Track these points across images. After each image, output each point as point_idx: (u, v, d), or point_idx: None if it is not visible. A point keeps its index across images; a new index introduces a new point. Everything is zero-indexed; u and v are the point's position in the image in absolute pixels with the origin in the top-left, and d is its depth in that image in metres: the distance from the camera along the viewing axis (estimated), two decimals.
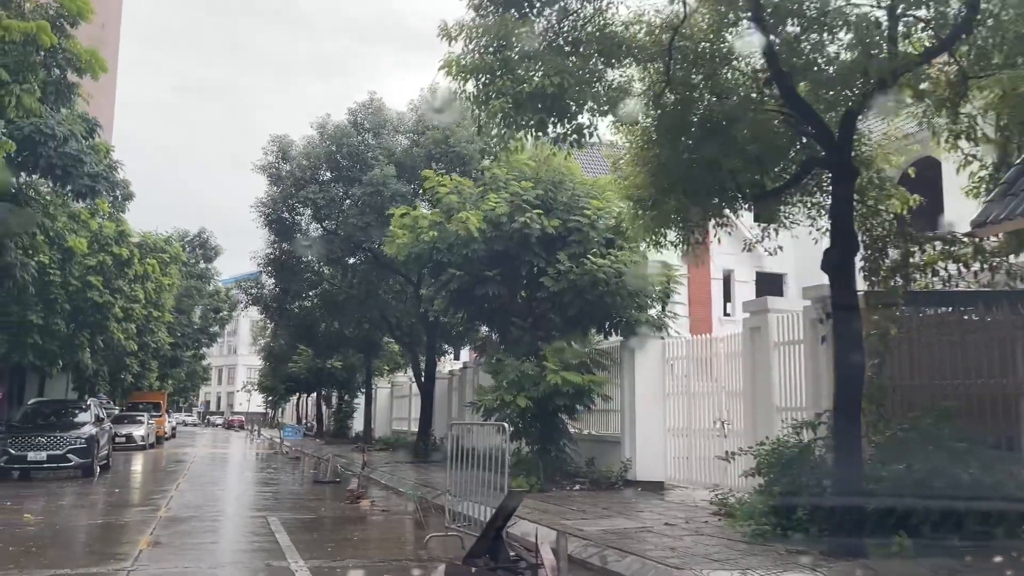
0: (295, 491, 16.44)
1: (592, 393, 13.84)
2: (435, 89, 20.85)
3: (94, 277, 22.40)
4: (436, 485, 15.13)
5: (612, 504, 11.73)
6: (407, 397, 31.90)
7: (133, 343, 31.38)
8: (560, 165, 14.19)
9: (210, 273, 45.21)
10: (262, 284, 24.31)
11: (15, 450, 17.46)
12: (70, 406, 20.90)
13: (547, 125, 7.04)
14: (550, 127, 7.16)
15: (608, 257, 13.41)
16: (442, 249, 14.24)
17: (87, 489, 16.14)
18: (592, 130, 7.35)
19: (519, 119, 6.80)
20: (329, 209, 20.40)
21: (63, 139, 16.17)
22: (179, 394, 61.74)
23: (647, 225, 8.60)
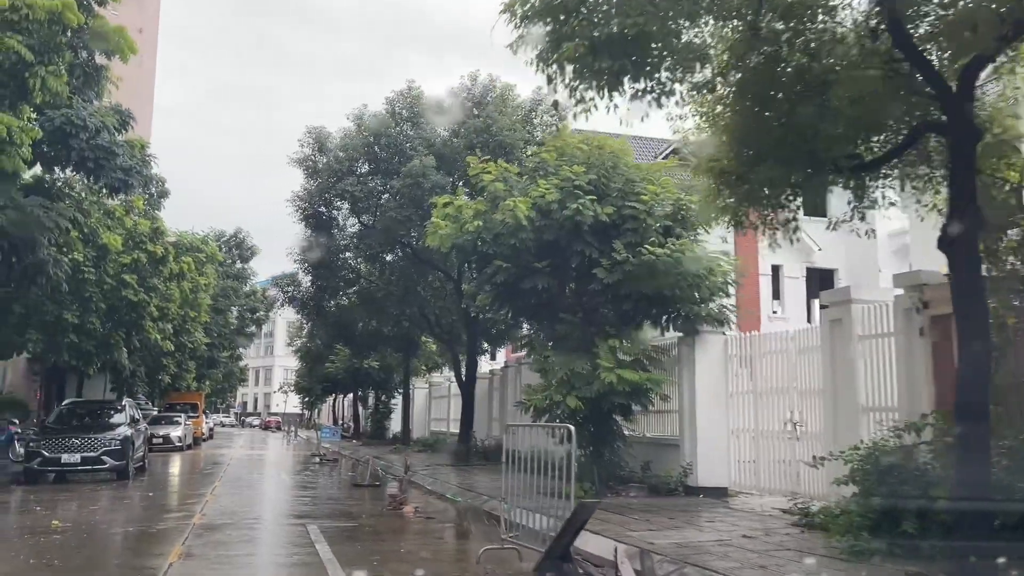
0: (334, 495, 15.72)
1: (650, 392, 12.90)
2: (475, 77, 20.08)
3: (129, 275, 21.98)
4: (481, 490, 14.31)
5: (676, 513, 10.78)
6: (446, 397, 31.16)
7: (170, 343, 31.08)
8: (613, 149, 13.26)
9: (246, 273, 44.97)
10: (299, 282, 23.71)
11: (49, 452, 17.01)
12: (105, 407, 20.45)
13: (625, 75, 6.12)
14: (627, 82, 6.25)
15: (666, 246, 12.45)
16: (487, 240, 13.39)
17: (120, 492, 15.59)
18: (674, 85, 6.43)
19: (595, 65, 5.88)
20: (367, 202, 19.69)
21: (95, 131, 15.65)
22: (216, 395, 61.85)
23: (726, 205, 7.64)
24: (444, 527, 11.34)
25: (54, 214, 15.65)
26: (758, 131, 6.86)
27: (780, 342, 12.25)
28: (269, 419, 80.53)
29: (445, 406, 31.26)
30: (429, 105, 20.12)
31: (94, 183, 17.03)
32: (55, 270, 17.11)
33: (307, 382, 46.35)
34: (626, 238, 12.86)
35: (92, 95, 16.32)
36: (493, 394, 24.11)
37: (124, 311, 22.32)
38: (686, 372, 13.56)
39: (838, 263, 28.04)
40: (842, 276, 28.26)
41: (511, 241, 12.85)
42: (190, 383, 42.73)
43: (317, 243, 21.47)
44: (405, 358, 30.06)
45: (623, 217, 13.03)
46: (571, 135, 13.86)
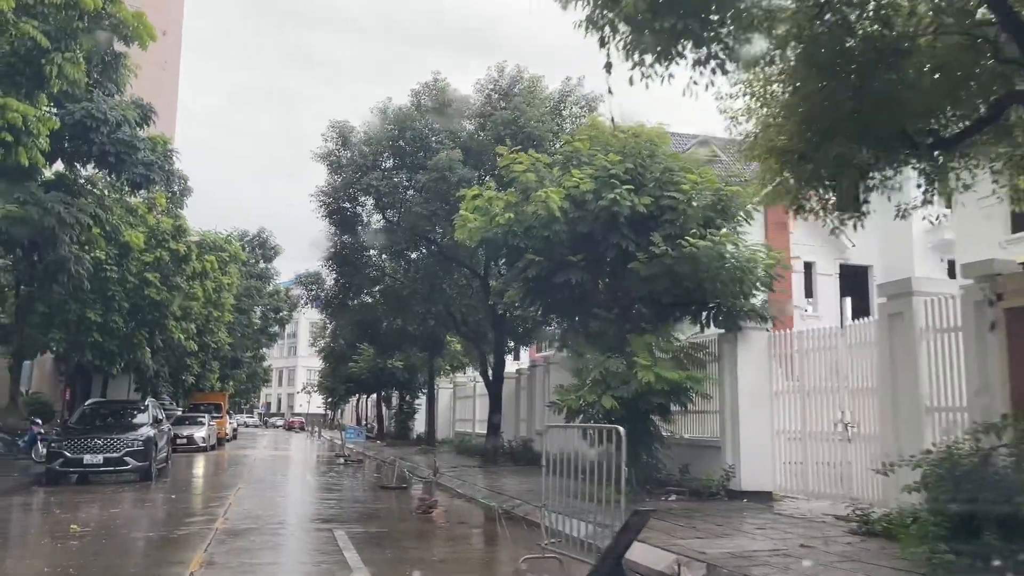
0: (360, 498, 15.27)
1: (690, 392, 12.28)
2: (503, 68, 19.55)
3: (151, 274, 21.71)
4: (511, 492, 13.79)
5: (721, 518, 10.18)
6: (471, 398, 30.67)
7: (193, 343, 30.90)
8: (651, 136, 12.65)
9: (269, 273, 44.78)
10: (322, 280, 23.32)
11: (71, 453, 16.70)
12: (128, 407, 20.19)
13: (687, 37, 5.55)
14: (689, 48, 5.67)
15: (707, 238, 11.83)
16: (518, 233, 12.85)
17: (143, 495, 15.25)
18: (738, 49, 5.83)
19: (655, 24, 5.31)
20: (392, 197, 19.22)
21: (116, 125, 15.34)
22: (240, 395, 61.86)
23: (785, 188, 7.03)
24: (477, 532, 10.83)
25: (75, 210, 15.34)
26: (824, 106, 6.26)
27: (830, 338, 11.60)
28: (292, 419, 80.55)
29: (470, 406, 30.77)
30: (455, 97, 19.61)
31: (115, 179, 16.72)
32: (77, 267, 16.84)
33: (331, 382, 46.08)
34: (665, 230, 12.25)
35: (113, 88, 16.02)
36: (520, 394, 23.57)
37: (147, 310, 22.06)
38: (727, 370, 12.94)
39: (872, 260, 27.23)
40: (876, 273, 27.44)
41: (544, 233, 12.30)
42: (214, 383, 42.62)
43: (341, 240, 21.05)
44: (430, 358, 29.61)
45: (661, 208, 12.43)
46: (604, 123, 13.26)
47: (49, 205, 14.90)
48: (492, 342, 21.76)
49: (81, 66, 11.33)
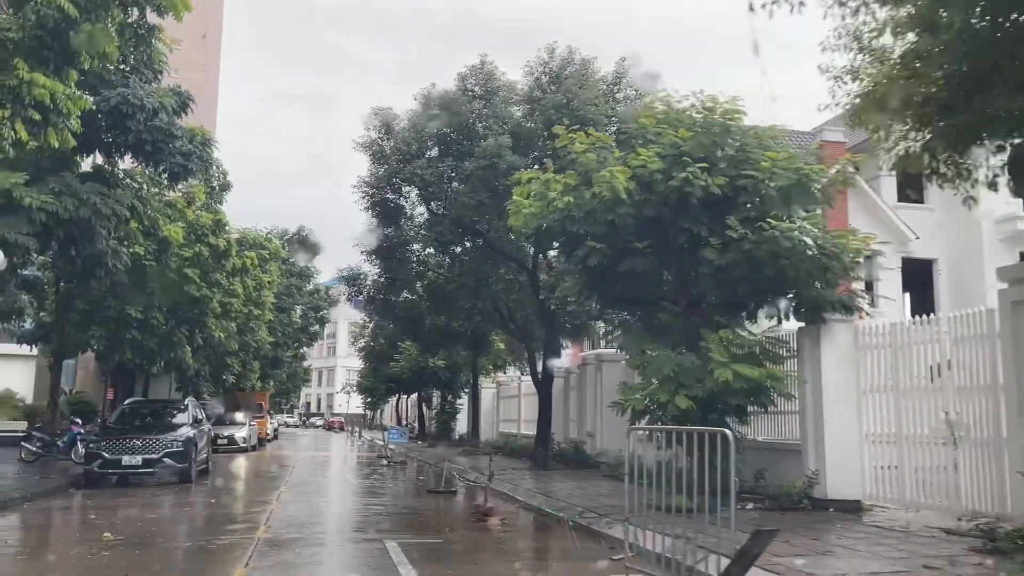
0: (409, 504, 14.41)
1: (771, 391, 11.18)
2: (553, 49, 18.56)
3: (191, 270, 21.13)
4: (572, 499, 12.80)
5: (815, 531, 9.08)
6: (515, 397, 29.75)
7: (234, 342, 30.42)
8: (726, 110, 11.55)
9: (309, 271, 44.40)
10: (364, 276, 22.59)
11: (109, 454, 16.13)
12: (168, 406, 19.61)
13: None
14: None
15: (791, 221, 10.72)
16: (578, 218, 11.85)
17: (182, 498, 14.57)
18: None
19: None
20: (437, 187, 18.34)
21: (152, 111, 14.68)
22: (280, 395, 61.73)
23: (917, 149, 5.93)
24: (540, 544, 9.86)
25: (111, 201, 14.71)
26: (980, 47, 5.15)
27: (930, 330, 10.41)
28: (332, 419, 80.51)
29: (514, 406, 29.85)
30: (503, 82, 18.67)
31: (153, 170, 16.10)
32: (114, 262, 16.22)
33: (371, 382, 45.52)
34: (741, 212, 11.17)
35: (149, 75, 15.39)
36: (569, 394, 22.57)
37: (186, 307, 21.50)
38: (808, 367, 11.81)
39: (937, 253, 25.73)
40: (942, 267, 25.94)
41: (607, 218, 11.28)
42: (254, 383, 42.30)
43: (384, 233, 20.26)
44: (473, 356, 28.74)
45: (736, 189, 11.34)
46: (670, 97, 12.18)
47: (85, 196, 14.28)
48: (541, 339, 20.76)
49: (113, 40, 10.64)
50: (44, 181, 14.06)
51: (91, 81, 14.25)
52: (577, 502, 12.42)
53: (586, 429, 21.24)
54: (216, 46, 78.20)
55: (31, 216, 13.56)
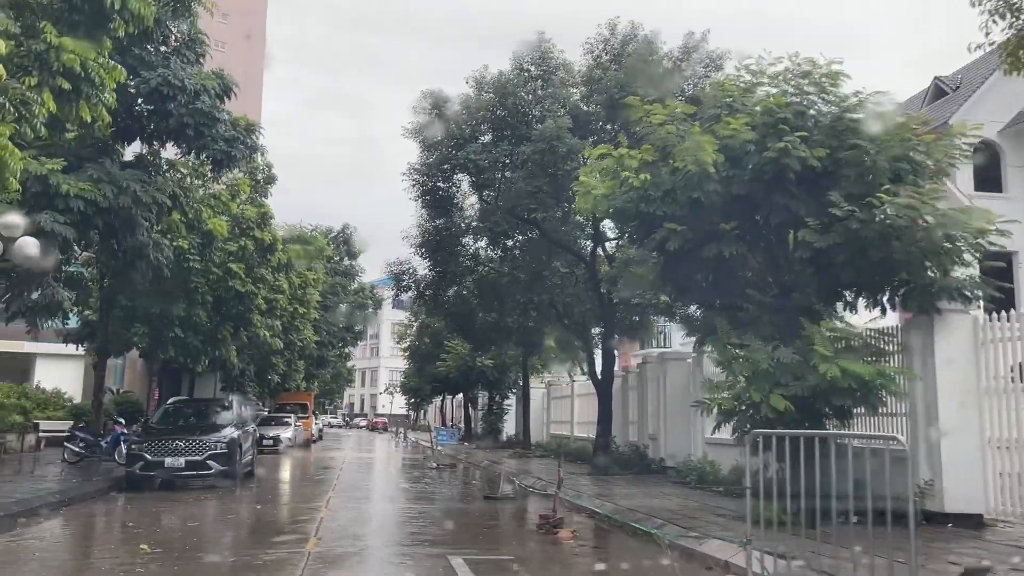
0: (467, 511, 13.36)
1: (882, 390, 9.85)
2: (614, 26, 17.37)
3: (235, 264, 20.42)
4: (641, 508, 11.62)
5: (950, 552, 7.76)
6: (567, 398, 28.59)
7: (279, 341, 29.81)
8: (825, 72, 10.26)
9: (354, 270, 43.75)
10: (413, 270, 21.63)
11: (152, 455, 15.40)
12: (212, 405, 18.86)
13: None
14: None
15: (905, 196, 9.39)
16: (655, 198, 10.68)
17: (226, 503, 13.73)
18: None
19: None
20: (491, 174, 17.24)
21: (194, 94, 13.91)
22: (324, 396, 61.43)
23: None
24: (622, 563, 8.69)
25: (152, 189, 13.95)
26: None
27: None
28: (376, 420, 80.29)
29: (566, 407, 28.68)
30: (560, 62, 17.52)
31: (195, 156, 15.33)
32: (156, 254, 15.51)
33: (416, 382, 44.74)
34: (844, 188, 9.88)
35: (191, 56, 14.62)
36: (629, 394, 21.32)
37: (231, 303, 20.79)
38: (918, 363, 10.43)
39: (1018, 245, 23.89)
40: (1023, 260, 24.08)
41: (692, 195, 10.07)
42: (299, 383, 41.83)
43: (434, 224, 19.25)
44: (524, 354, 27.65)
45: (836, 162, 10.06)
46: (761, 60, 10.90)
47: (125, 183, 13.55)
48: (598, 336, 19.56)
49: (150, 4, 9.80)
50: (83, 169, 13.35)
51: (131, 62, 13.52)
52: (652, 512, 11.24)
53: (647, 432, 19.99)
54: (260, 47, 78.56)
55: (69, 204, 12.87)
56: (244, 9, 71.61)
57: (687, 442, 18.20)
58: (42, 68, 8.42)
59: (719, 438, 16.54)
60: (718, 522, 10.22)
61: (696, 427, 17.50)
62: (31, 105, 8.77)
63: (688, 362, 19.20)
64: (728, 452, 15.37)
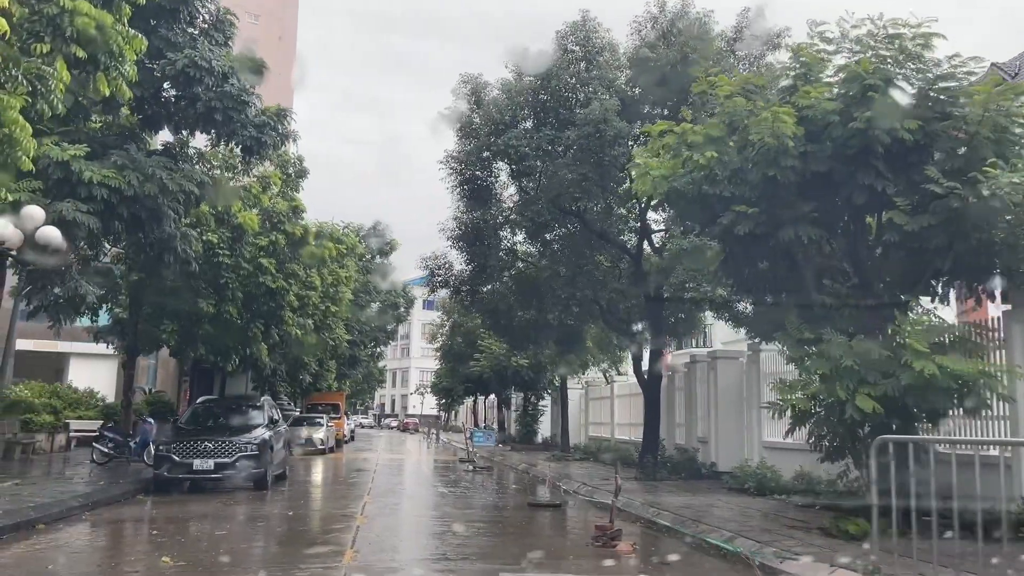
0: (512, 521, 12.43)
1: (986, 390, 8.76)
2: (663, 3, 16.34)
3: (266, 259, 19.73)
4: (701, 518, 10.63)
5: None
6: (606, 399, 27.62)
7: (311, 339, 29.16)
8: (916, 34, 9.20)
9: (386, 268, 43.07)
10: (449, 265, 20.77)
11: (179, 457, 14.72)
12: (243, 405, 18.15)
13: None
14: None
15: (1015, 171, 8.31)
16: (721, 178, 9.70)
17: (256, 509, 12.98)
18: None
19: None
20: (532, 161, 16.28)
21: (222, 76, 13.20)
22: (355, 396, 60.92)
23: None
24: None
25: (179, 177, 13.25)
26: None
27: None
28: (407, 421, 79.81)
29: (605, 409, 27.72)
30: (605, 41, 16.51)
31: (225, 144, 14.63)
32: (184, 247, 14.84)
33: (448, 382, 43.92)
34: (939, 164, 8.82)
35: (219, 38, 13.91)
36: (675, 395, 20.29)
37: (262, 299, 20.11)
38: (1021, 358, 9.35)
39: None
40: None
41: (767, 173, 9.08)
42: (331, 383, 41.21)
43: (472, 216, 18.36)
44: (561, 353, 26.63)
45: (929, 135, 8.99)
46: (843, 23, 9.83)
47: (150, 171, 12.86)
48: (643, 334, 18.53)
49: None
50: (107, 156, 12.70)
51: (156, 43, 12.85)
52: (715, 523, 10.25)
53: (696, 435, 18.94)
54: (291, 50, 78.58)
55: (92, 192, 12.21)
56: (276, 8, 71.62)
57: (740, 446, 17.14)
58: (55, 34, 7.71)
59: (778, 442, 15.49)
60: (794, 535, 9.21)
61: (752, 430, 16.45)
62: (47, 80, 8.07)
63: (740, 361, 18.14)
64: (788, 457, 14.30)
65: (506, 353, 32.83)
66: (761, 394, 15.94)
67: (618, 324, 19.16)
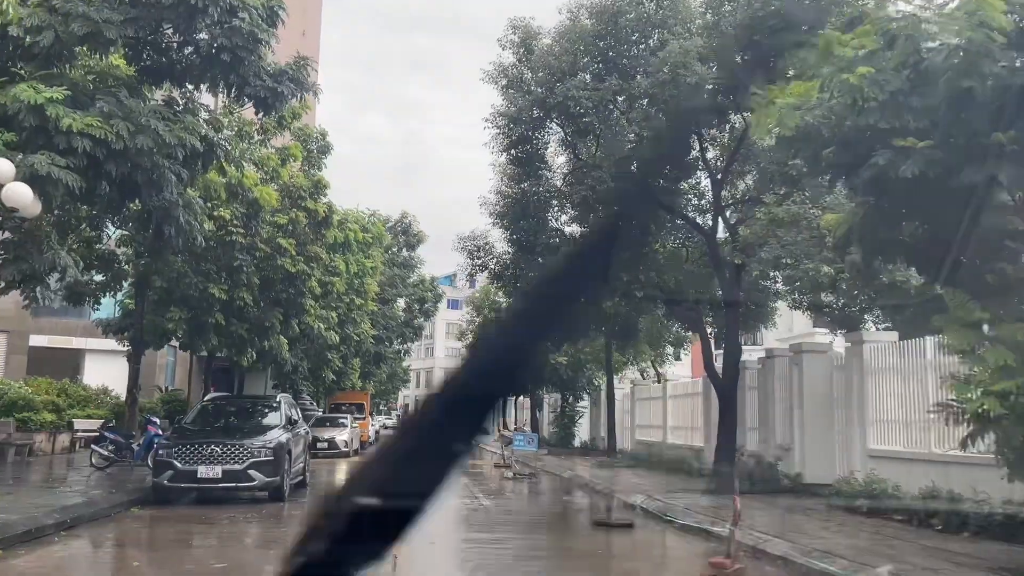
0: (585, 546, 10.06)
1: None
2: None
3: (284, 240, 17.54)
4: (837, 550, 8.24)
5: None
6: (657, 400, 25.10)
7: (335, 334, 27.02)
8: None
9: (413, 262, 40.81)
10: (490, 246, 18.40)
11: (182, 463, 12.57)
12: (257, 403, 15.96)
13: None
14: None
15: None
16: (874, 105, 7.29)
17: (270, 527, 10.76)
18: None
19: None
20: (592, 118, 13.79)
21: (229, 8, 10.95)
22: (378, 396, 58.81)
23: None
24: None
25: (179, 128, 11.06)
26: None
27: None
28: None
29: (655, 410, 25.20)
30: None
31: (235, 96, 12.42)
32: (187, 217, 12.66)
33: None
34: None
35: None
36: (748, 395, 17.77)
37: (280, 285, 17.92)
38: None
39: None
40: None
41: (961, 85, 6.63)
42: (355, 382, 39.07)
43: (519, 188, 15.97)
44: (609, 348, 24.24)
45: None
46: None
47: (144, 120, 10.69)
48: (718, 322, 16.07)
49: None
50: (86, 99, 10.54)
51: None
52: (853, 555, 7.87)
53: (776, 442, 16.45)
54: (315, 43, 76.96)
55: (72, 144, 10.05)
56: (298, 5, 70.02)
57: (832, 454, 14.69)
58: None
59: (889, 450, 13.02)
60: None
61: (851, 436, 13.95)
62: None
63: (828, 355, 15.67)
64: (907, 469, 11.83)
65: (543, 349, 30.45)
66: (865, 393, 13.46)
67: (684, 313, 16.66)
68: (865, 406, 13.29)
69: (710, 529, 10.80)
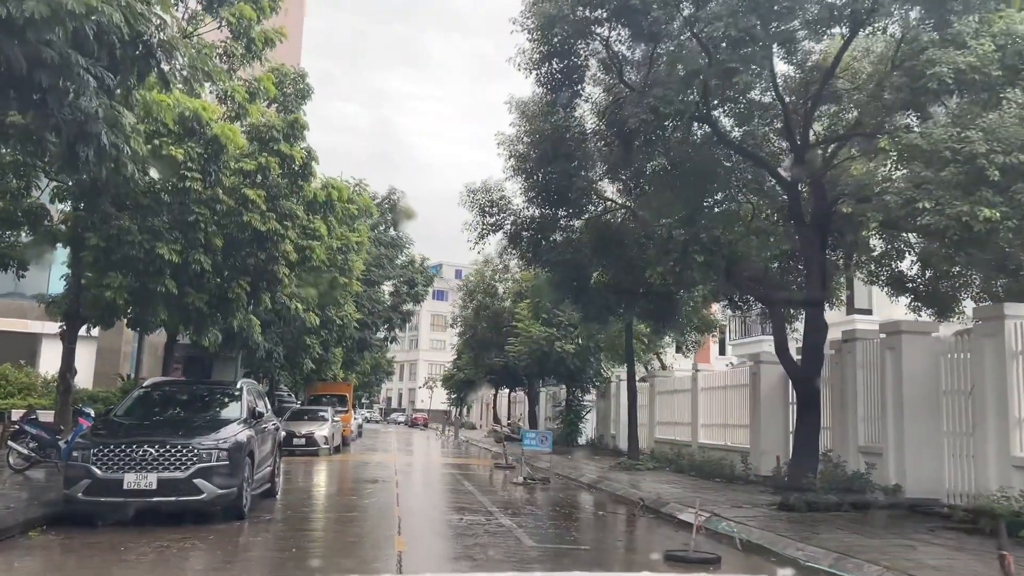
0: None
1: None
2: None
3: (252, 191, 14.17)
4: None
5: None
6: (684, 393, 21.95)
7: (315, 316, 23.67)
8: None
9: (401, 241, 37.34)
10: (507, 201, 14.94)
11: (103, 470, 9.31)
12: (215, 391, 12.59)
13: None
14: None
15: None
16: None
17: (221, 559, 7.47)
18: None
19: None
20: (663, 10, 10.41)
21: None
22: (361, 388, 55.35)
23: None
24: None
25: None
26: None
27: None
28: (416, 416, 74.70)
29: (682, 405, 22.05)
30: None
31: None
32: (114, 138, 9.31)
33: (471, 373, 38.29)
34: None
35: None
36: (823, 388, 14.55)
37: (247, 247, 14.53)
38: None
39: None
40: None
41: None
42: (336, 372, 35.65)
43: (551, 123, 12.57)
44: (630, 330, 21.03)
45: None
46: None
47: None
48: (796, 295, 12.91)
49: None
50: None
51: None
52: None
53: (857, 444, 13.32)
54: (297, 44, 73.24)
55: None
56: None
57: (940, 462, 11.65)
58: None
59: None
60: None
61: (984, 440, 10.80)
62: None
63: (935, 336, 12.60)
64: None
65: (547, 337, 27.29)
66: (1009, 384, 10.35)
67: (747, 283, 13.40)
68: (1009, 401, 10.21)
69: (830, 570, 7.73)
